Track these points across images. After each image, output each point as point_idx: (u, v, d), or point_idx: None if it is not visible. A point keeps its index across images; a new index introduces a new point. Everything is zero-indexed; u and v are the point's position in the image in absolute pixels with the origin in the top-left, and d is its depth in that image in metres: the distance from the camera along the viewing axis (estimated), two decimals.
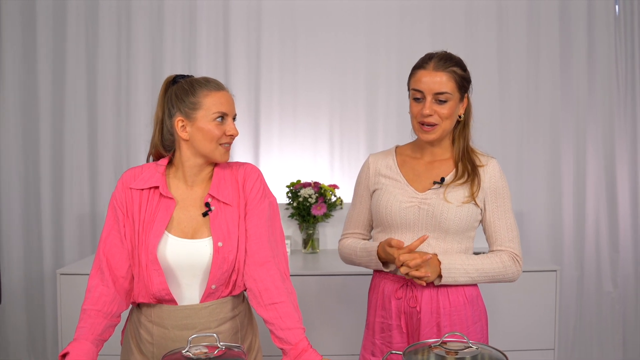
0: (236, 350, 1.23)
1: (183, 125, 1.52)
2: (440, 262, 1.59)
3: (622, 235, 3.40)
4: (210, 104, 1.50)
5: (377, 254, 1.66)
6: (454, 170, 1.68)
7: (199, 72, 3.25)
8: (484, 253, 1.70)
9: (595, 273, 3.40)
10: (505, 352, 1.23)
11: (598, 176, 3.39)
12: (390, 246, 1.58)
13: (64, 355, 1.38)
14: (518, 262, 1.66)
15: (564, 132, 3.36)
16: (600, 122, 3.38)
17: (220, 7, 3.28)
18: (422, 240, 1.55)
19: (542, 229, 3.36)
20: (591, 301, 3.40)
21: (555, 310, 2.66)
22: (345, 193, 3.24)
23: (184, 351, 1.19)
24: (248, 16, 3.29)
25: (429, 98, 1.60)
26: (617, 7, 3.38)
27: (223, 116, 1.52)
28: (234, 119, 1.57)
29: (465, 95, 1.67)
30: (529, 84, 3.35)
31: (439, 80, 1.59)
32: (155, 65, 3.26)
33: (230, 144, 1.55)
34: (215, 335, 1.22)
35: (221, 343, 1.21)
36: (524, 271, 2.04)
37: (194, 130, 1.51)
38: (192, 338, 1.23)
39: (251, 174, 1.60)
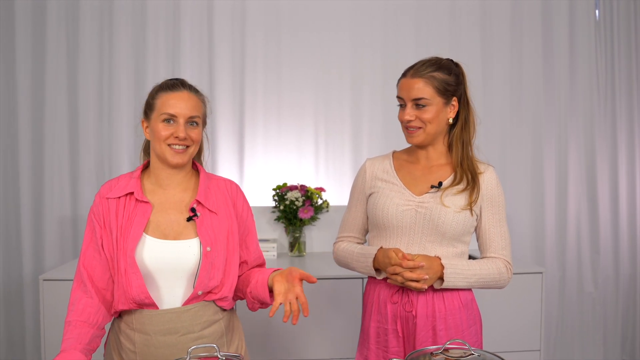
0: (236, 358, 1.21)
1: (146, 126, 1.56)
2: (443, 267, 1.60)
3: (603, 238, 3.47)
4: (160, 104, 1.52)
5: (375, 258, 1.66)
6: (452, 175, 1.69)
7: (182, 75, 3.21)
8: (479, 258, 1.71)
9: (576, 274, 3.45)
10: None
11: (579, 180, 3.45)
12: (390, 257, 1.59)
13: None
14: (510, 270, 1.71)
15: (546, 136, 3.40)
16: (582, 127, 3.43)
17: (204, 7, 3.24)
18: (417, 265, 1.56)
19: (525, 230, 3.41)
20: (573, 302, 3.45)
21: (541, 311, 2.69)
22: (330, 196, 3.24)
23: None
24: (232, 17, 3.25)
25: (408, 104, 1.65)
26: (597, 11, 3.44)
27: (171, 118, 1.51)
28: (194, 122, 1.54)
29: (454, 98, 1.68)
30: (512, 87, 3.38)
31: (415, 87, 1.63)
32: (138, 67, 3.21)
33: (181, 145, 1.52)
34: (215, 345, 1.20)
35: (221, 353, 1.19)
36: None
37: (150, 131, 1.55)
38: (192, 349, 1.21)
39: (239, 192, 1.66)
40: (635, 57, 3.46)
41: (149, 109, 1.55)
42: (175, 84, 1.56)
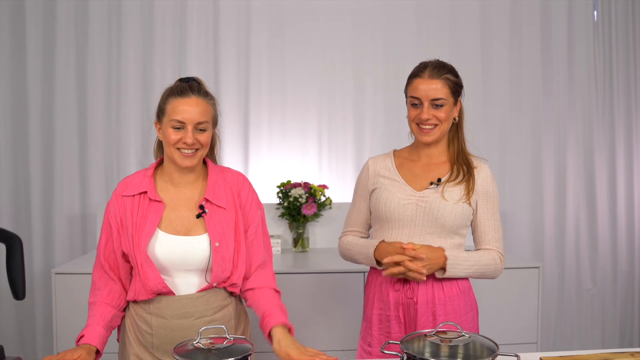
0: (243, 339, 1.29)
1: (159, 128, 1.64)
2: (446, 258, 1.69)
3: (601, 235, 3.52)
4: (170, 110, 1.58)
5: (377, 249, 1.74)
6: (450, 171, 1.78)
7: (188, 73, 3.27)
8: (476, 250, 1.80)
9: (575, 271, 3.50)
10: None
11: (578, 178, 3.50)
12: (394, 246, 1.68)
13: (79, 339, 1.52)
14: (502, 261, 1.80)
15: (545, 135, 3.46)
16: (580, 127, 3.48)
17: (210, 7, 3.31)
18: (418, 256, 1.64)
19: (524, 228, 3.46)
20: (571, 298, 3.50)
21: (538, 305, 2.75)
22: (333, 193, 3.31)
23: (194, 342, 1.24)
24: (238, 16, 3.32)
25: (426, 104, 1.72)
26: (595, 13, 3.50)
27: (180, 125, 1.57)
28: (202, 129, 1.59)
29: (459, 99, 1.78)
30: (512, 87, 3.44)
31: (434, 87, 1.71)
32: (146, 66, 3.29)
33: (190, 149, 1.58)
34: (224, 327, 1.28)
35: (229, 335, 1.26)
36: (508, 267, 2.22)
37: (162, 134, 1.62)
38: (203, 330, 1.28)
39: (244, 184, 1.73)
40: (633, 58, 3.51)
41: (160, 112, 1.62)
42: (184, 90, 1.59)
